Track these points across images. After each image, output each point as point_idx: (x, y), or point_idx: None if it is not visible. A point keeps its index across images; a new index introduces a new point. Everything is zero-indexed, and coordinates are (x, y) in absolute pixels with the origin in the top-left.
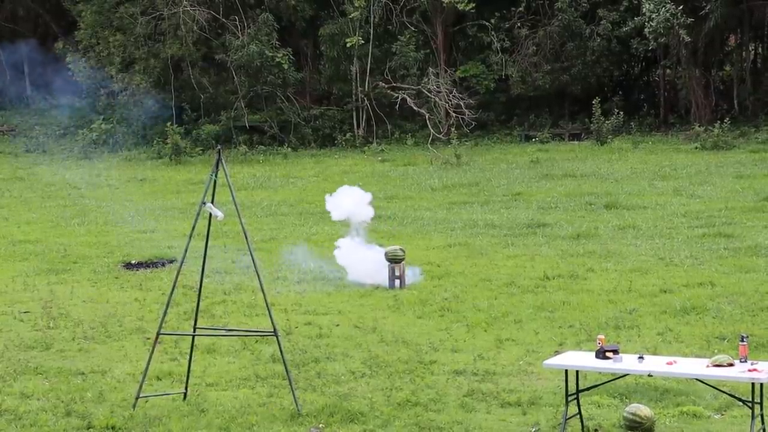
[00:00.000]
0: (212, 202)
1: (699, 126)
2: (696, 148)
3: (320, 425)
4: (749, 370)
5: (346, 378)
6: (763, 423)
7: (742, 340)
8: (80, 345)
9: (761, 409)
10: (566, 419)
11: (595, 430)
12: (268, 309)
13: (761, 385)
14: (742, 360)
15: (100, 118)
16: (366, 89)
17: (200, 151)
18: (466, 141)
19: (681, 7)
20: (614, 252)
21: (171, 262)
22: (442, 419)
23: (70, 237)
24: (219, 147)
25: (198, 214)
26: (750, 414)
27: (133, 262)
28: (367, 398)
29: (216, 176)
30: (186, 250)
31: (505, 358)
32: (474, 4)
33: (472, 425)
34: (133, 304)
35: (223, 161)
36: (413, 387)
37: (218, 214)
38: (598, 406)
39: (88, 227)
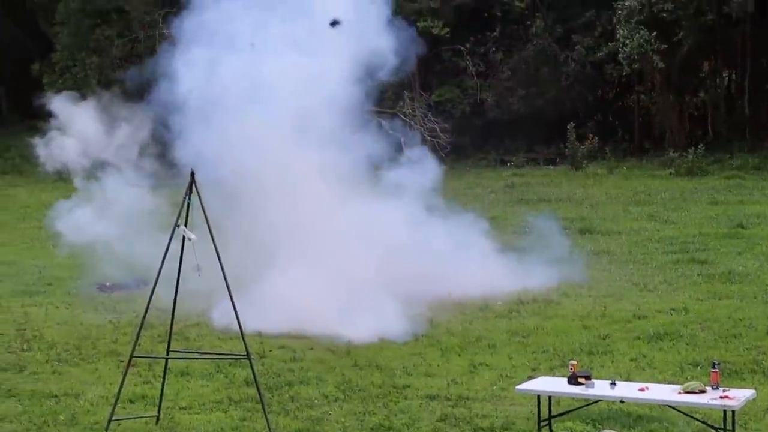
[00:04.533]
0: (185, 225)
1: (673, 152)
2: (670, 173)
3: None
4: (721, 397)
5: (319, 402)
6: None
7: (714, 367)
8: (54, 367)
9: None
10: None
11: None
12: (242, 332)
13: (733, 412)
14: (714, 387)
15: None
16: None
17: (175, 173)
18: (441, 165)
19: (654, 33)
20: (588, 277)
21: (146, 285)
22: None
23: (45, 259)
24: (192, 169)
25: (171, 237)
26: None
27: (107, 284)
28: (341, 422)
29: (190, 198)
30: (159, 273)
31: (478, 383)
32: (449, 29)
33: None
34: (107, 326)
35: (196, 183)
36: (386, 411)
37: (191, 236)
38: (571, 431)
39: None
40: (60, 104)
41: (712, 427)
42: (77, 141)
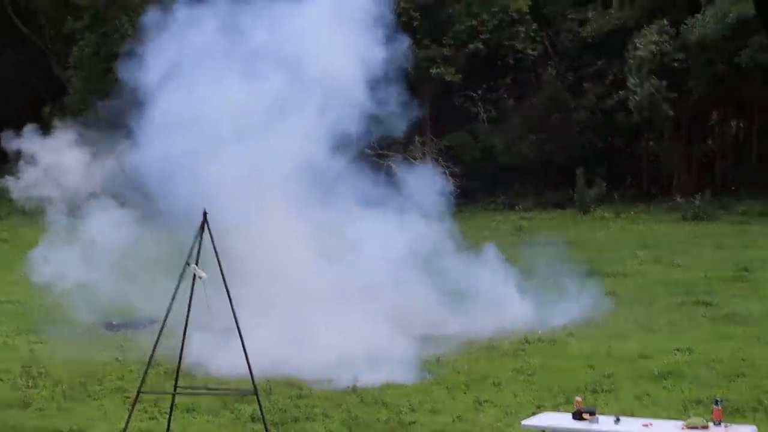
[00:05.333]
0: (196, 264)
1: (681, 197)
2: (677, 219)
3: None
4: None
5: None
6: None
7: (716, 404)
8: (59, 404)
9: None
10: None
11: None
12: (249, 368)
13: None
14: (716, 423)
15: None
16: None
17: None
18: (449, 208)
19: (665, 82)
20: (594, 318)
21: (152, 323)
22: None
23: (51, 298)
24: (204, 209)
25: (182, 275)
26: None
27: (114, 322)
28: None
29: (201, 238)
30: (168, 311)
31: (483, 419)
32: (461, 75)
33: None
34: (114, 364)
35: (208, 223)
36: None
37: (202, 275)
38: None
39: (70, 288)
40: (28, 141)
41: None
42: (47, 176)
